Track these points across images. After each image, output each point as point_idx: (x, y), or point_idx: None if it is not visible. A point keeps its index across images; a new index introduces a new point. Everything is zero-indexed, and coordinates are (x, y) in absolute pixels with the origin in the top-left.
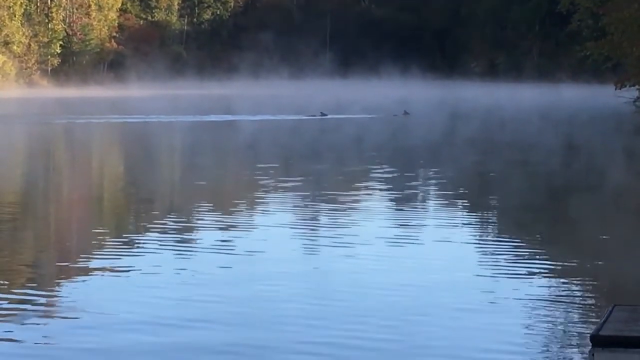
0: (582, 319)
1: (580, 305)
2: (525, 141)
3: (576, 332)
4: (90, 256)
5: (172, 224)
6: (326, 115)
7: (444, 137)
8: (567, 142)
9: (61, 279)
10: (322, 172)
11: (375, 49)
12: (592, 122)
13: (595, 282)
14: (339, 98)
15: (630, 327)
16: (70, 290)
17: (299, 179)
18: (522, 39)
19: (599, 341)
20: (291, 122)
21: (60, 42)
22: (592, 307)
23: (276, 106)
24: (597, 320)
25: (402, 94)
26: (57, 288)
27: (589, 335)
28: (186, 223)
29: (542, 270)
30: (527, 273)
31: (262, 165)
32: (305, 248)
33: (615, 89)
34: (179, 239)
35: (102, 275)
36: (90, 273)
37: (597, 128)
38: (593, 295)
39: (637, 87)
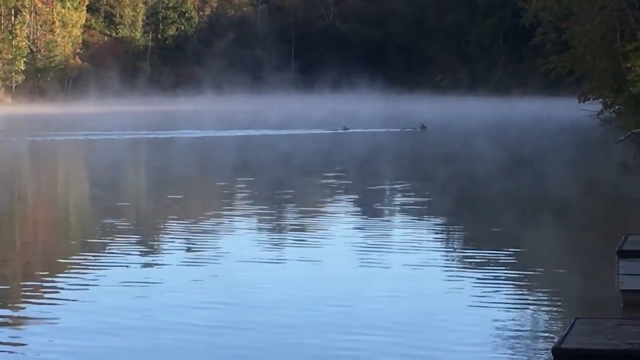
0: (545, 330)
1: (544, 317)
2: (479, 154)
3: (539, 344)
4: (55, 272)
5: (133, 237)
6: (348, 129)
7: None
8: (522, 156)
9: (29, 294)
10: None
11: (340, 63)
12: (556, 134)
13: (559, 293)
14: (296, 112)
15: (592, 340)
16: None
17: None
18: (486, 52)
19: (560, 354)
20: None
21: (24, 59)
22: (555, 318)
23: (241, 121)
24: (560, 331)
25: (355, 108)
26: (26, 302)
27: (551, 348)
28: (153, 237)
29: (508, 284)
30: (492, 285)
31: (224, 182)
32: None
33: (579, 102)
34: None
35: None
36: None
37: (560, 140)
38: (556, 306)
39: (600, 100)
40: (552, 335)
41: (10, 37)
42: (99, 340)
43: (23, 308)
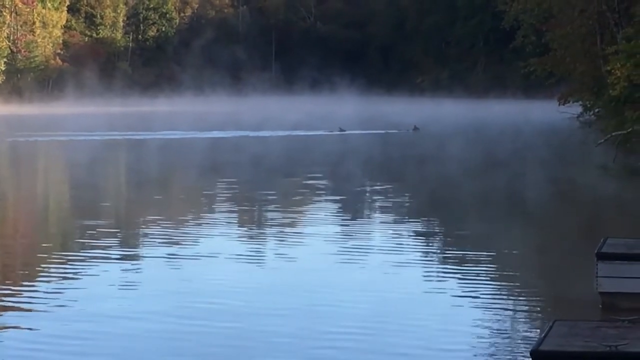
0: (524, 332)
1: (523, 319)
2: (458, 156)
3: (518, 346)
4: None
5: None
6: (345, 130)
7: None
8: (501, 158)
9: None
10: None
11: (321, 64)
12: (535, 137)
13: (538, 296)
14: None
15: (570, 342)
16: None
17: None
18: (467, 54)
19: (538, 356)
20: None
21: (5, 59)
22: (534, 320)
23: (218, 122)
24: (539, 333)
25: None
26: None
27: (529, 350)
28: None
29: (488, 286)
30: (472, 287)
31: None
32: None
33: (559, 105)
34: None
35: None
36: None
37: (540, 142)
38: (535, 308)
39: (580, 103)
40: (531, 337)
41: None
42: (75, 346)
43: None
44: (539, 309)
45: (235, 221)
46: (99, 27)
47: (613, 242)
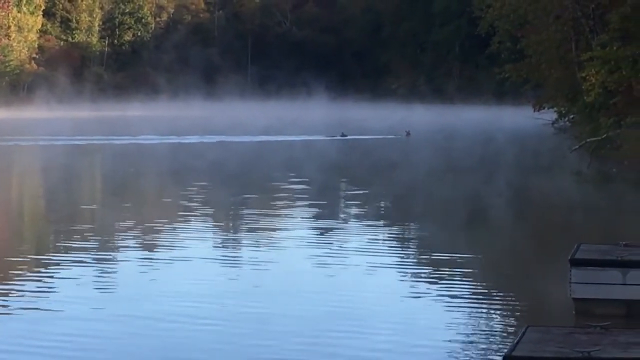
0: (498, 338)
1: (497, 324)
2: (431, 162)
3: (492, 351)
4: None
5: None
6: (346, 135)
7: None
8: (475, 164)
9: None
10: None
11: (297, 70)
12: (511, 143)
13: (512, 301)
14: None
15: (543, 348)
16: None
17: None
18: (443, 60)
19: None
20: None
21: None
22: (508, 326)
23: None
24: (513, 339)
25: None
26: None
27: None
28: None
29: (462, 291)
30: (447, 292)
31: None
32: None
33: (534, 111)
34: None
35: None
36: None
37: (515, 148)
38: (509, 314)
39: (555, 109)
40: (504, 342)
41: None
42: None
43: None
44: (512, 314)
45: (207, 226)
46: (74, 32)
47: (586, 248)
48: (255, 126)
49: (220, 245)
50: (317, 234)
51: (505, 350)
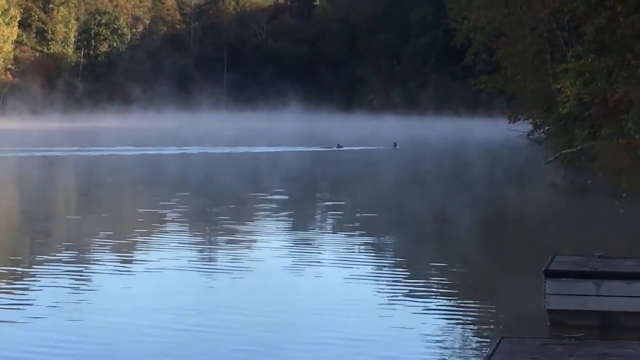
0: (472, 349)
1: (471, 335)
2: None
3: None
4: None
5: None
6: (342, 147)
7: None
8: (451, 175)
9: None
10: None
11: (273, 80)
12: (486, 154)
13: (487, 312)
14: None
15: (516, 359)
16: None
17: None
18: (418, 72)
19: None
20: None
21: None
22: (483, 337)
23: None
24: (487, 350)
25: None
26: None
27: None
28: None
29: (437, 302)
30: (422, 304)
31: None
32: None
33: (509, 123)
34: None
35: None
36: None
37: (490, 160)
38: (484, 325)
39: (530, 120)
40: (478, 354)
41: None
42: None
43: None
44: (487, 325)
45: (180, 238)
46: (50, 43)
47: (561, 259)
48: (229, 137)
49: (193, 257)
50: (292, 245)
51: None
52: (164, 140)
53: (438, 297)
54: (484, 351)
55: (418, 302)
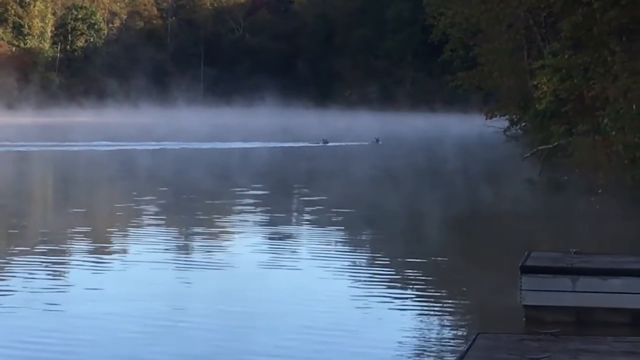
0: (448, 345)
1: (448, 331)
2: (384, 168)
3: (444, 358)
4: None
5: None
6: (328, 142)
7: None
8: (426, 171)
9: None
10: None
11: (250, 77)
12: (463, 150)
13: (463, 308)
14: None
15: (492, 355)
16: None
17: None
18: (395, 68)
19: None
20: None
21: None
22: (459, 333)
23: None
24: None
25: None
26: None
27: None
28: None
29: (413, 298)
30: (398, 300)
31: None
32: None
33: (486, 119)
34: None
35: None
36: None
37: (466, 156)
38: (460, 321)
39: (506, 117)
40: (454, 349)
41: None
42: None
43: None
44: (462, 321)
45: (157, 231)
46: (26, 37)
47: (537, 255)
48: (206, 132)
49: (169, 251)
50: (269, 240)
51: (455, 357)
52: (140, 135)
53: (414, 292)
54: (460, 347)
55: (394, 297)
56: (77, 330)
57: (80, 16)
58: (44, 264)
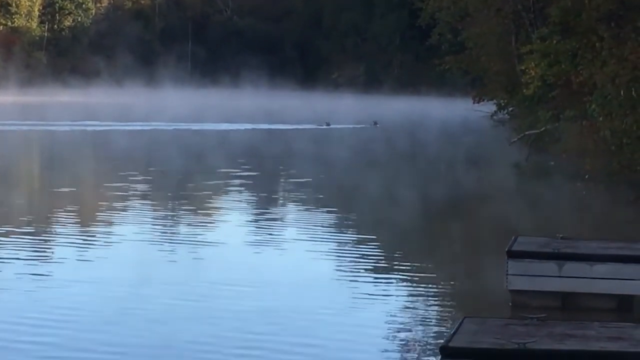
0: (435, 329)
1: (434, 315)
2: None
3: (429, 342)
4: None
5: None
6: (329, 125)
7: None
8: (413, 155)
9: None
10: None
11: (238, 58)
12: (450, 135)
13: (449, 293)
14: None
15: (479, 339)
16: None
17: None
18: (383, 51)
19: (448, 352)
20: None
21: None
22: (445, 317)
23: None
24: (450, 330)
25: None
26: None
27: (439, 346)
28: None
29: (400, 282)
30: (383, 283)
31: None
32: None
33: (473, 103)
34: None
35: None
36: None
37: (454, 140)
38: (446, 305)
39: (494, 101)
40: (441, 333)
41: None
42: None
43: None
44: (449, 305)
45: (144, 211)
46: (14, 16)
47: (523, 240)
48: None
49: (156, 231)
50: (257, 221)
51: (442, 341)
52: (128, 115)
53: (400, 276)
54: (446, 330)
55: (380, 281)
56: (62, 307)
57: None
58: (29, 242)
